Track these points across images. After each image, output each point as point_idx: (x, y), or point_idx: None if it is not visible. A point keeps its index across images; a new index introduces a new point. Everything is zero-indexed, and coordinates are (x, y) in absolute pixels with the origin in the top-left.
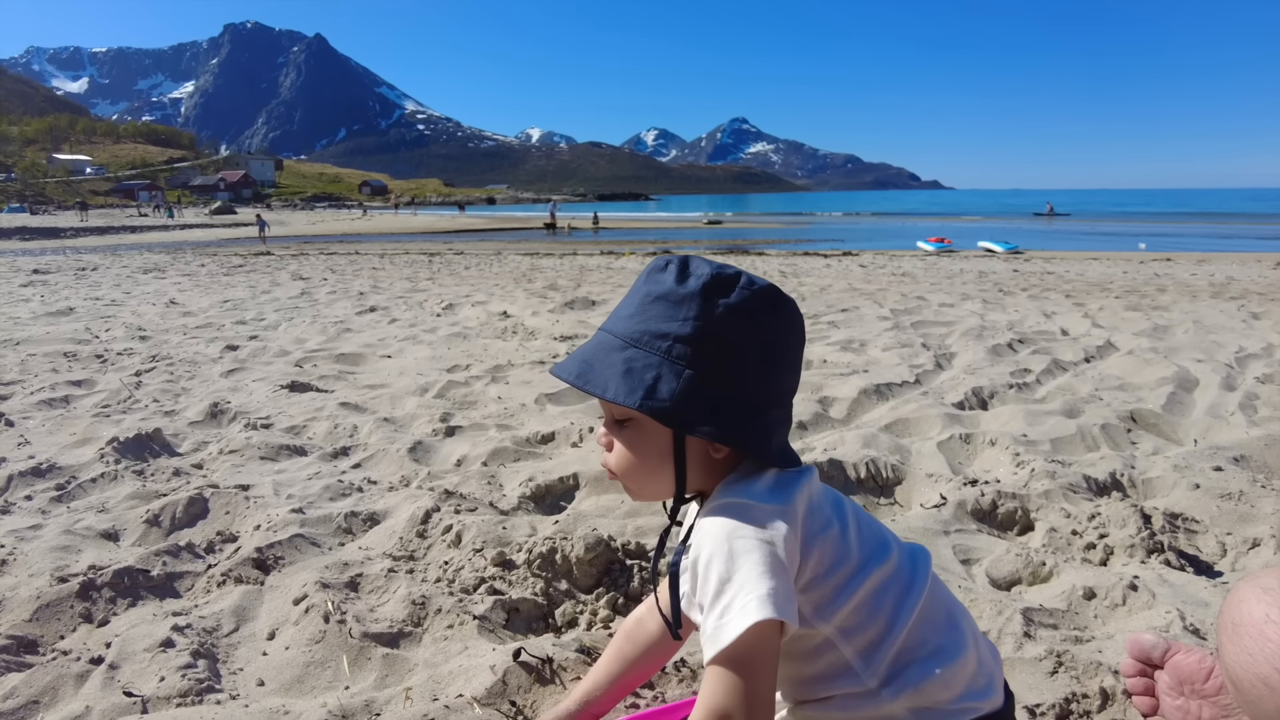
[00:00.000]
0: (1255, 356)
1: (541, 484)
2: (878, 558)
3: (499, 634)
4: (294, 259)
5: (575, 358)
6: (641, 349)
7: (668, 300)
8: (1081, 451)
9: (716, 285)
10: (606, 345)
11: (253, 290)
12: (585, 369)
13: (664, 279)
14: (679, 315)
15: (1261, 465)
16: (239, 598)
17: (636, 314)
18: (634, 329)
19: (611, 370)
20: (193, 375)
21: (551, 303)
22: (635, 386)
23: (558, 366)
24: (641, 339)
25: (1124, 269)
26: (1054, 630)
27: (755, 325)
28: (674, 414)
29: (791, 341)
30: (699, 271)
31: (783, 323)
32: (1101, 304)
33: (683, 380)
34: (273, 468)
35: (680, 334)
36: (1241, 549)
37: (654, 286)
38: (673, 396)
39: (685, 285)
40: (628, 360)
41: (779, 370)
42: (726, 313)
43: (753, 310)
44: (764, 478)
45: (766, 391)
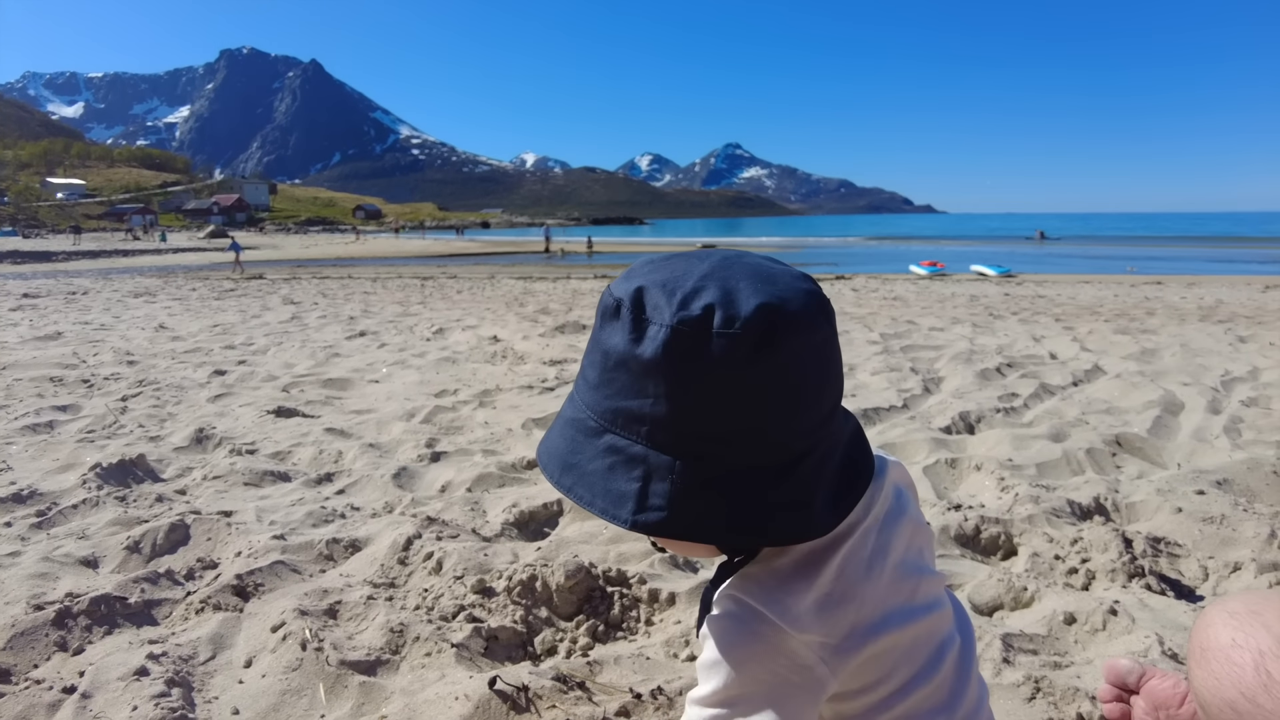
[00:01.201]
0: (1241, 380)
1: (525, 510)
2: (929, 669)
3: (477, 662)
4: (286, 283)
5: (555, 440)
6: (619, 434)
7: (628, 369)
8: (1067, 476)
9: (682, 342)
10: (582, 426)
11: (243, 315)
12: (568, 463)
13: (617, 334)
14: (648, 390)
15: (1244, 489)
16: (217, 625)
17: (602, 383)
18: (604, 405)
19: (594, 466)
20: (179, 400)
21: (543, 327)
22: (624, 494)
23: (540, 447)
24: (616, 420)
25: (1115, 292)
26: (1033, 656)
27: (752, 378)
28: (675, 525)
29: (813, 367)
30: (657, 318)
31: (794, 353)
32: (1091, 327)
33: (676, 476)
34: (256, 494)
35: (656, 415)
36: (1223, 573)
37: (610, 341)
38: (668, 503)
39: (643, 348)
40: (608, 451)
41: (801, 411)
42: (708, 376)
43: (744, 359)
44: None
45: (790, 441)
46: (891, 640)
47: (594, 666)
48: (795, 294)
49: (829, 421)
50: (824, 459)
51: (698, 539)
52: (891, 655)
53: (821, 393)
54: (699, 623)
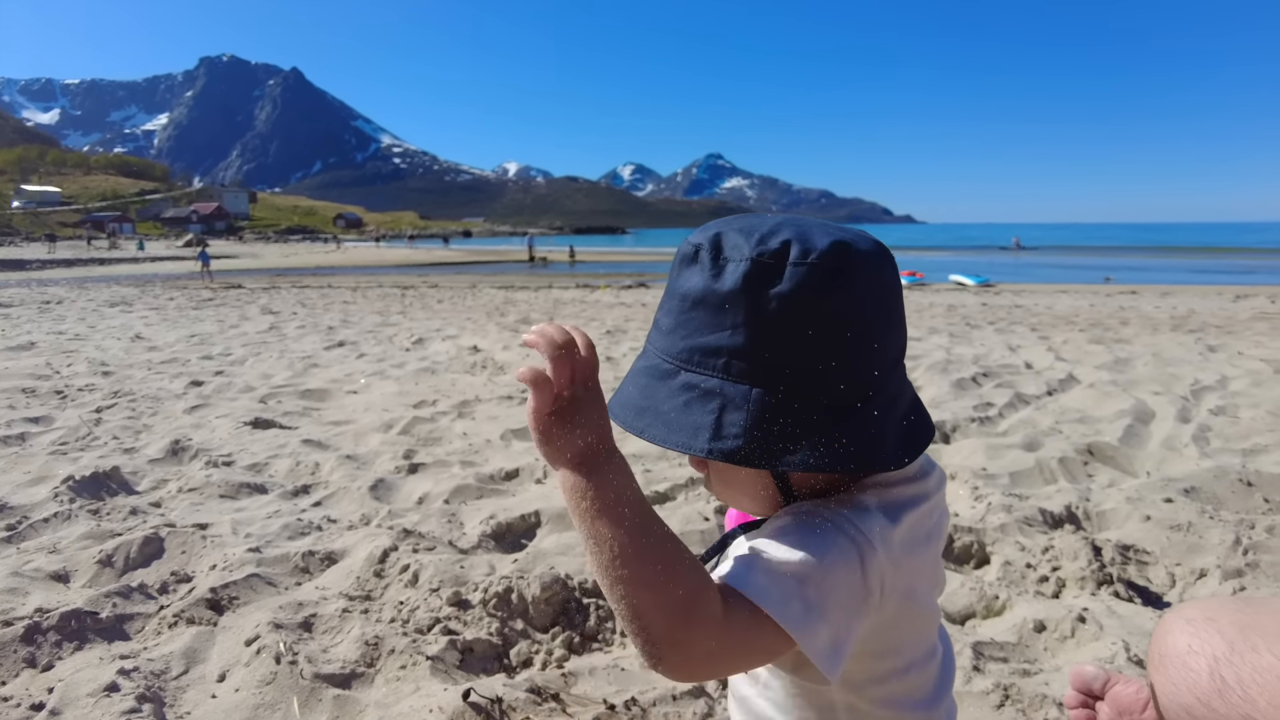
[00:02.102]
0: (1210, 389)
1: (503, 522)
2: (925, 659)
3: (452, 674)
4: (265, 293)
5: (628, 391)
6: (695, 370)
7: (707, 304)
8: (1039, 485)
9: (760, 272)
10: (657, 371)
11: (221, 325)
12: (641, 409)
13: (696, 274)
14: (726, 322)
15: (1210, 496)
16: (190, 639)
17: (679, 325)
18: (681, 345)
19: (669, 405)
20: (155, 412)
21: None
22: (699, 426)
23: (613, 401)
24: (692, 358)
25: (1090, 301)
26: (1003, 663)
27: (825, 310)
28: (751, 454)
29: (885, 303)
30: (736, 255)
31: (863, 291)
32: (1066, 337)
33: (752, 404)
34: (232, 506)
35: (734, 346)
36: (1190, 579)
37: (688, 284)
38: (744, 431)
39: (722, 280)
40: (684, 388)
41: (872, 350)
42: (783, 306)
43: (817, 291)
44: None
45: (862, 382)
46: (913, 614)
47: (569, 678)
48: (864, 239)
49: (895, 368)
50: (891, 403)
51: (770, 465)
52: (906, 629)
53: (889, 337)
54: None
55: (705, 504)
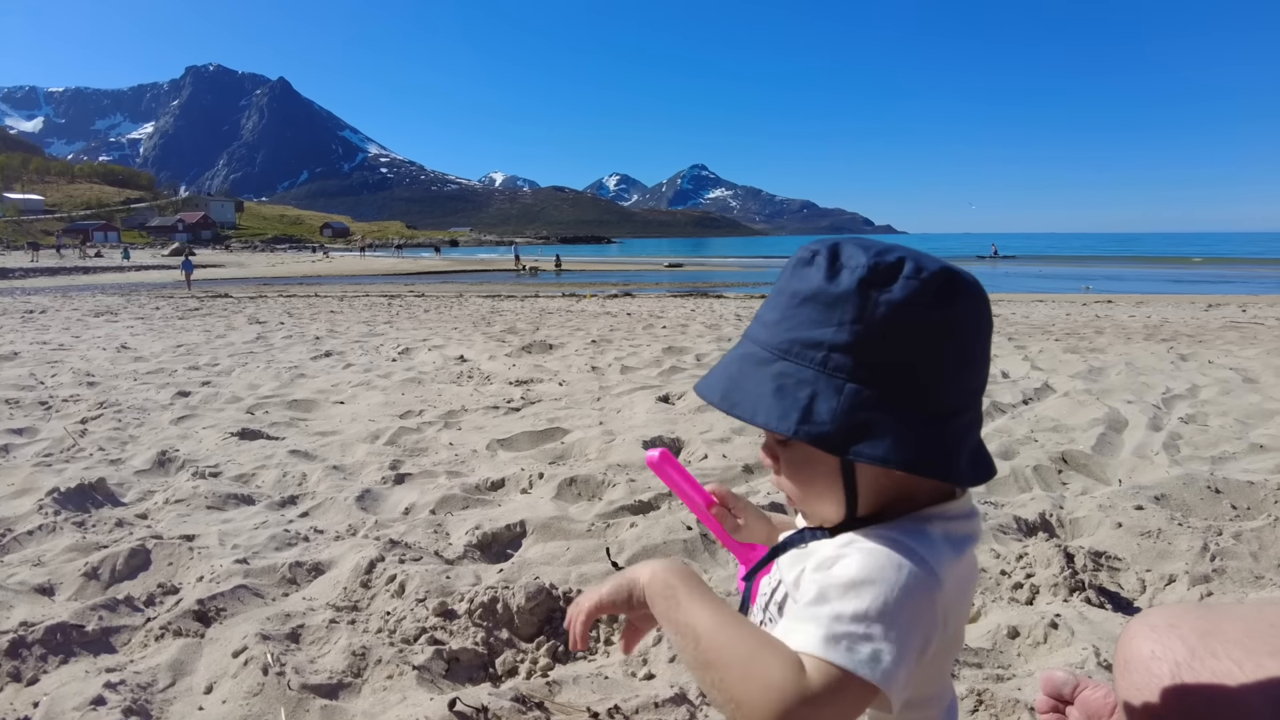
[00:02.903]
0: (1180, 397)
1: (488, 532)
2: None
3: (438, 684)
4: (251, 302)
5: (719, 374)
6: (792, 361)
7: (818, 301)
8: (1014, 493)
9: (875, 278)
10: (752, 358)
11: (207, 334)
12: (730, 388)
13: (811, 275)
14: (833, 319)
15: (1180, 503)
16: (177, 651)
17: (783, 319)
18: (782, 337)
19: (761, 389)
20: (141, 422)
21: (509, 346)
22: (789, 408)
23: (700, 384)
24: (791, 349)
25: (1067, 310)
26: (978, 669)
27: (928, 322)
28: (836, 438)
29: (977, 334)
30: (853, 262)
31: (963, 314)
32: (1042, 346)
33: (844, 396)
34: (219, 517)
35: (836, 341)
36: (1159, 585)
37: (801, 284)
38: (833, 417)
39: (837, 282)
40: (778, 375)
41: (962, 371)
42: (891, 311)
43: (924, 304)
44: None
45: (947, 398)
46: (948, 652)
47: (553, 687)
48: (969, 275)
49: (977, 396)
50: (969, 427)
51: (853, 455)
52: (937, 666)
53: (977, 364)
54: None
55: (688, 514)
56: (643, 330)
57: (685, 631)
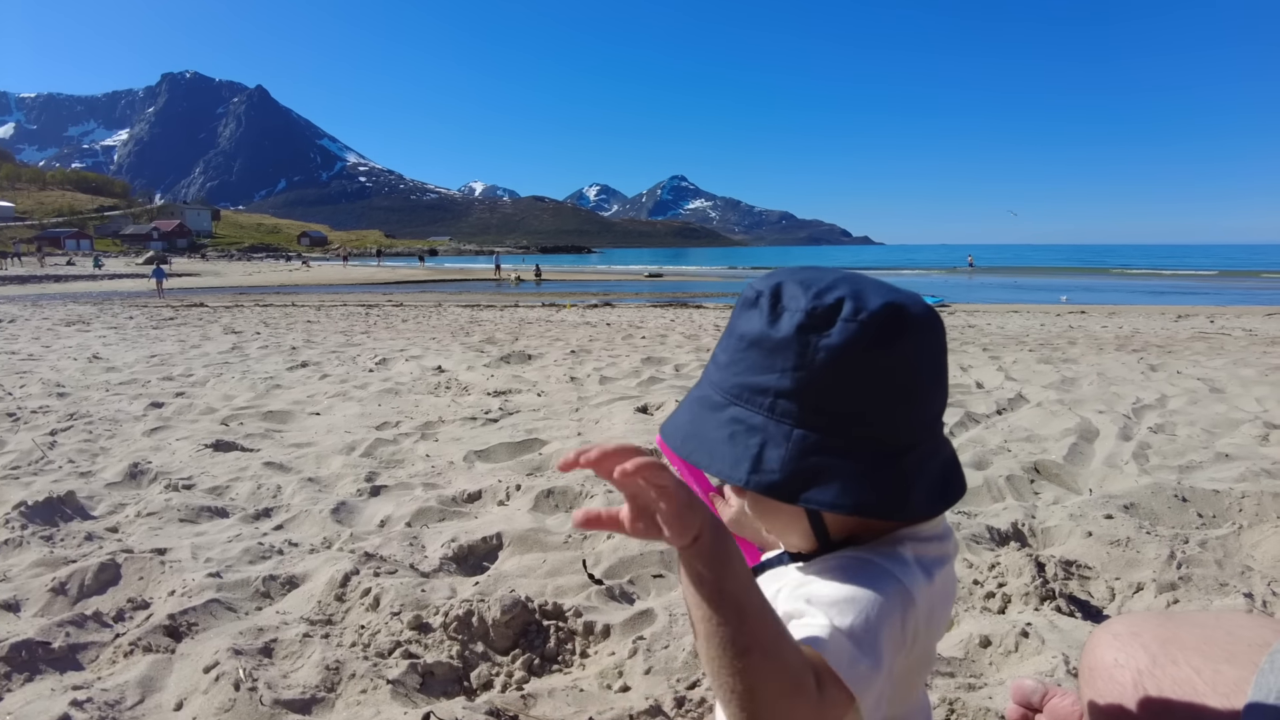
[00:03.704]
0: (1150, 407)
1: (464, 544)
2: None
3: (413, 698)
4: (227, 311)
5: (681, 417)
6: (743, 406)
7: (762, 347)
8: (987, 502)
9: (813, 322)
10: (707, 402)
11: (182, 344)
12: (689, 434)
13: (754, 318)
14: (776, 365)
15: (1148, 512)
16: (146, 667)
17: (732, 362)
18: (732, 381)
19: (715, 435)
20: (113, 434)
21: (487, 357)
22: (740, 457)
23: (665, 426)
24: (741, 394)
25: (1041, 321)
26: (950, 678)
27: (869, 364)
28: (785, 487)
29: (926, 366)
30: (793, 305)
31: (909, 350)
32: (1016, 357)
33: (792, 443)
34: (192, 530)
35: (781, 388)
36: (1128, 593)
37: (746, 326)
38: (782, 465)
39: (777, 326)
40: (731, 421)
41: (911, 406)
42: (829, 357)
43: (863, 346)
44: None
45: (897, 435)
46: (918, 675)
47: (528, 700)
48: (916, 302)
49: (934, 425)
50: (926, 458)
51: (801, 501)
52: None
53: (930, 395)
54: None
55: None
56: (622, 340)
57: (729, 604)
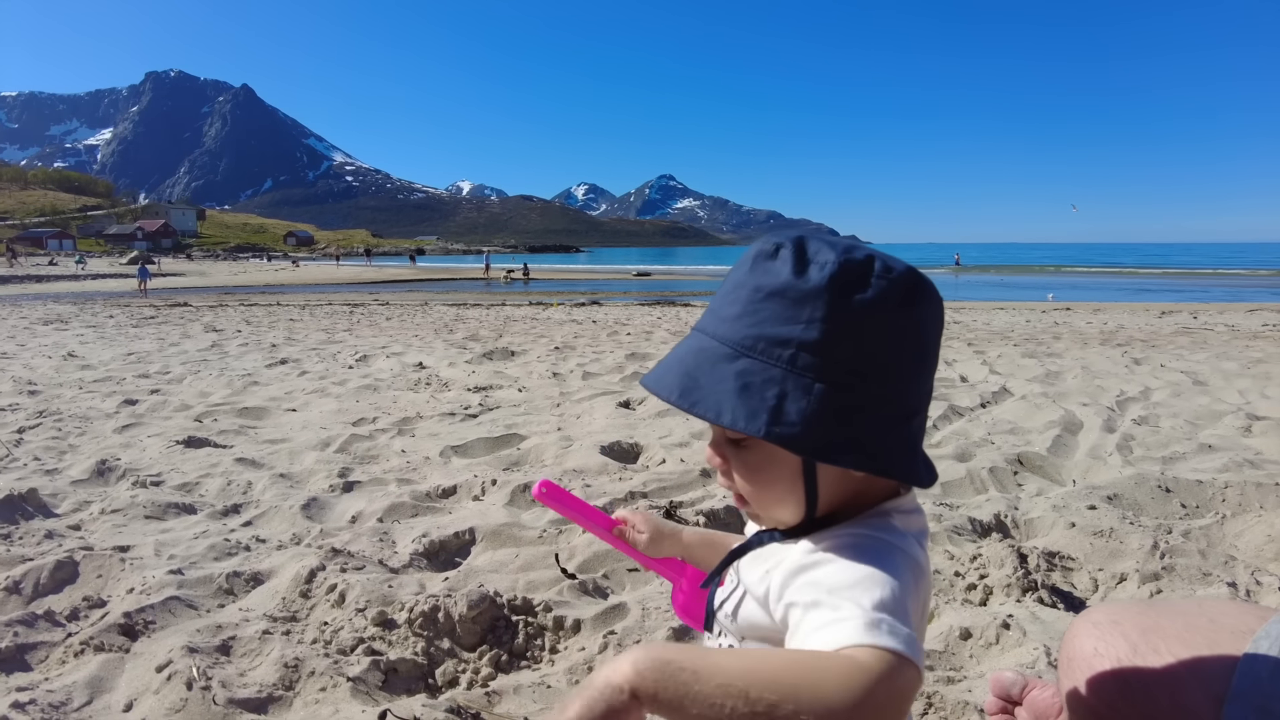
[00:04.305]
0: (1134, 400)
1: (435, 540)
2: None
3: (374, 695)
4: (210, 310)
5: (672, 368)
6: (757, 358)
7: (785, 298)
8: (970, 494)
9: (846, 277)
10: (712, 354)
11: (161, 342)
12: (689, 385)
13: (777, 269)
14: (801, 316)
15: (1132, 503)
16: (97, 668)
17: (746, 314)
18: (745, 333)
19: (723, 387)
20: (83, 431)
21: (470, 353)
22: (757, 409)
23: (650, 377)
24: (756, 345)
25: (1026, 318)
26: (929, 671)
27: (896, 322)
28: (807, 441)
29: (936, 336)
30: (821, 259)
31: (926, 315)
32: (1000, 351)
33: (814, 397)
34: (157, 527)
35: (805, 339)
36: (1111, 584)
37: (764, 279)
38: (803, 419)
39: (806, 278)
40: (742, 373)
41: (925, 372)
42: (863, 310)
43: (894, 304)
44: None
45: (911, 398)
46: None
47: (492, 697)
48: (927, 276)
49: (929, 397)
50: (922, 427)
51: (824, 457)
52: None
53: (935, 363)
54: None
55: None
56: (607, 337)
57: (724, 694)
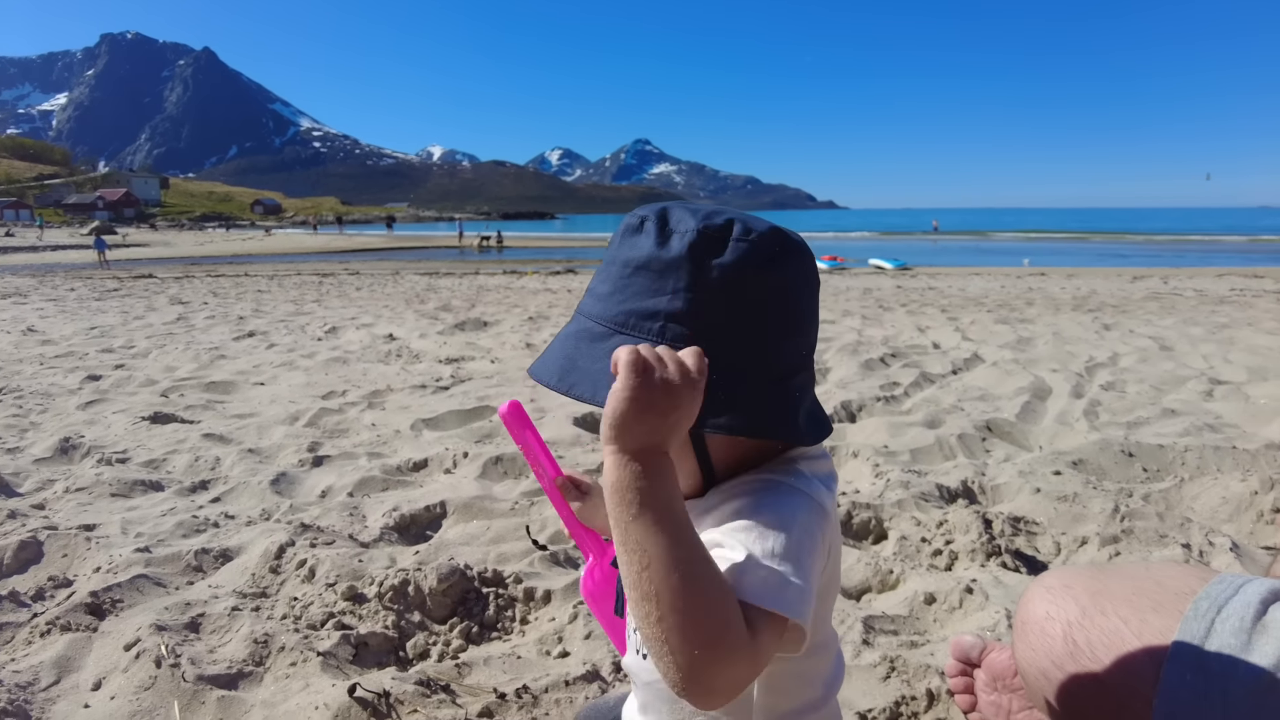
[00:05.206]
0: (1102, 365)
1: (406, 514)
2: (831, 641)
3: (344, 669)
4: (176, 282)
5: (555, 353)
6: (629, 334)
7: (650, 269)
8: (939, 461)
9: (706, 243)
10: (588, 334)
11: (125, 316)
12: (567, 368)
13: (641, 242)
14: (666, 287)
15: (1095, 468)
16: (64, 647)
17: (616, 290)
18: (616, 309)
19: (599, 366)
20: (45, 408)
21: (441, 324)
22: None
23: (535, 365)
24: (628, 321)
25: (1001, 284)
26: (894, 636)
27: (761, 284)
28: None
29: (807, 293)
30: (682, 227)
31: (794, 273)
32: (974, 318)
33: None
34: (124, 505)
35: (672, 310)
36: (1073, 547)
37: (631, 252)
38: None
39: (668, 248)
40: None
41: (796, 330)
42: (723, 275)
43: (755, 266)
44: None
45: (785, 359)
46: (829, 591)
47: (463, 668)
48: (795, 233)
49: (810, 357)
50: (804, 387)
51: (698, 427)
52: (823, 605)
53: (810, 322)
54: None
55: None
56: None
57: (633, 548)
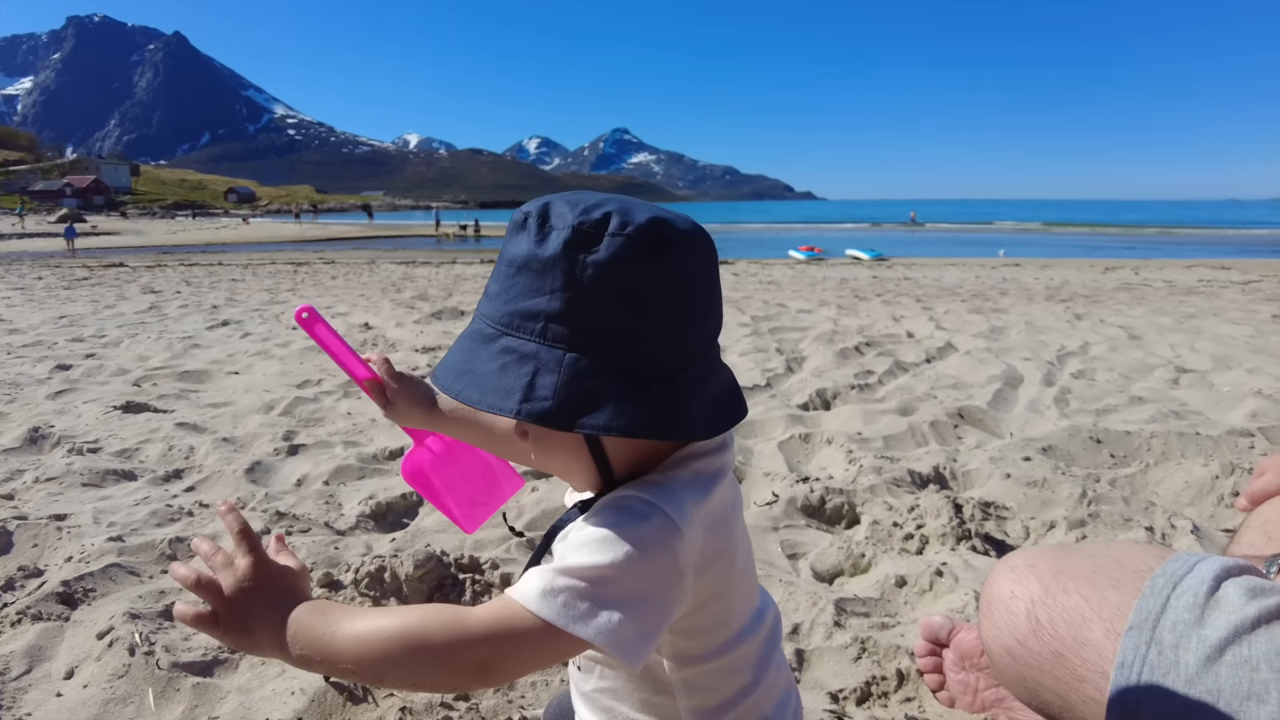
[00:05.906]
0: (1073, 354)
1: (383, 501)
2: (754, 625)
3: None
4: (148, 271)
5: (453, 355)
6: (515, 335)
7: (530, 269)
8: (911, 447)
9: (579, 239)
10: (479, 335)
11: (95, 305)
12: (460, 371)
13: (522, 241)
14: (545, 287)
15: (1065, 454)
16: (35, 637)
17: (504, 290)
18: (503, 310)
19: (487, 368)
20: (12, 399)
21: (418, 313)
22: (512, 387)
23: (437, 369)
24: (513, 322)
25: (976, 274)
26: (865, 618)
27: (639, 279)
28: (558, 414)
29: (697, 282)
30: (561, 223)
31: (679, 265)
32: (948, 308)
33: (564, 368)
34: (96, 495)
35: (551, 310)
36: (1041, 531)
37: (515, 250)
38: (554, 391)
39: (545, 246)
40: (503, 352)
41: (684, 322)
42: (597, 272)
43: (632, 260)
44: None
45: (672, 353)
46: (732, 583)
47: None
48: (685, 221)
49: (709, 346)
50: (702, 378)
51: (576, 427)
52: (733, 598)
53: (704, 314)
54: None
55: None
56: None
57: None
